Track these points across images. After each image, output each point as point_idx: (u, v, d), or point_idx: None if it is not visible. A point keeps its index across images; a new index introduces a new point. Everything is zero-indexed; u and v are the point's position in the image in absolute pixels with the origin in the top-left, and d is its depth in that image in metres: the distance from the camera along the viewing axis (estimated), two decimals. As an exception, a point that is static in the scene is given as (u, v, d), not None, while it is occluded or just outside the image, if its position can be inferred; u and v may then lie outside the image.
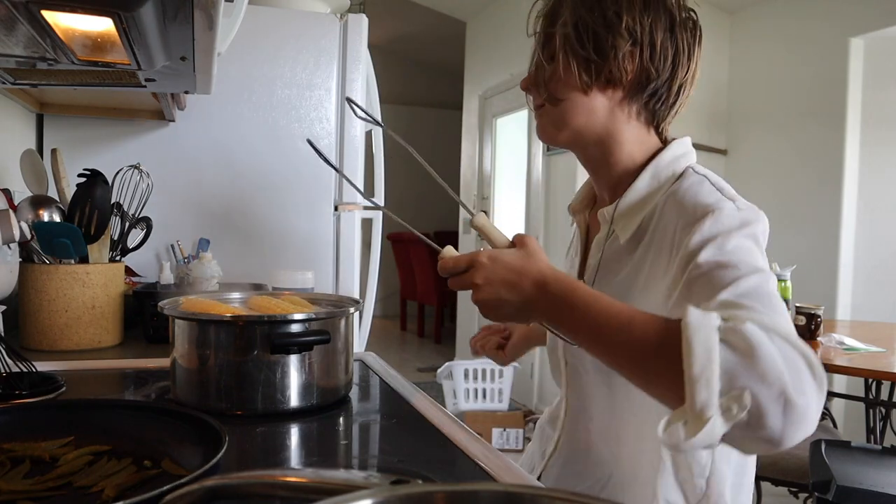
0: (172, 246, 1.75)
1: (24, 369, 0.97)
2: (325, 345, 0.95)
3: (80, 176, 1.39)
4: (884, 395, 2.36)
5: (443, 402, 3.52)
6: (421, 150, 0.81)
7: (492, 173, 4.98)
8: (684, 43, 0.88)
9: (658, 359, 0.62)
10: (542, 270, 0.72)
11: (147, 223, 1.58)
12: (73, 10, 0.65)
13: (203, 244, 1.76)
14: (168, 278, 1.57)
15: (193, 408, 0.85)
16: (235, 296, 1.12)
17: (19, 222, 1.14)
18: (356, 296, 1.88)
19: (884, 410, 2.38)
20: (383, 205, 2.08)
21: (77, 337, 1.32)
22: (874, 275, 3.52)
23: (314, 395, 0.95)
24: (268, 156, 1.84)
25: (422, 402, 1.02)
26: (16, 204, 1.35)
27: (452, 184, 1.33)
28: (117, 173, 1.52)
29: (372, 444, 0.92)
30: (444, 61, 7.07)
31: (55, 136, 1.72)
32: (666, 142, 0.93)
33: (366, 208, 1.98)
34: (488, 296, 0.72)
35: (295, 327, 0.93)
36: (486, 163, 5.01)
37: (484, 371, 3.53)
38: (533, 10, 0.93)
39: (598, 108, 0.88)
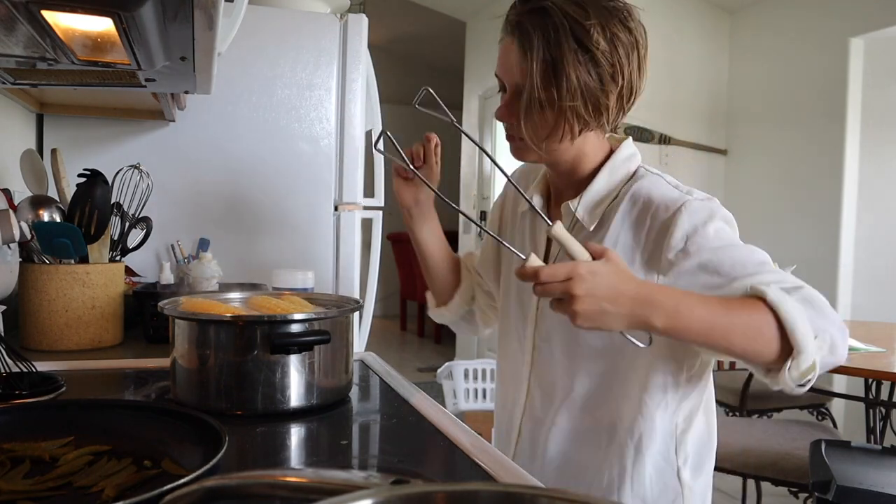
0: (172, 246, 1.75)
1: (24, 369, 0.97)
2: (325, 345, 0.95)
3: (80, 176, 1.39)
4: (884, 395, 2.35)
5: (443, 402, 3.52)
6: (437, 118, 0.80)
7: (492, 173, 4.98)
8: (643, 60, 0.92)
9: (761, 332, 0.79)
10: (637, 282, 0.79)
11: (147, 223, 1.58)
12: (73, 10, 0.65)
13: (203, 244, 1.76)
14: (168, 278, 1.57)
15: (193, 408, 0.85)
16: (235, 296, 1.12)
17: (19, 222, 1.14)
18: (356, 296, 1.88)
19: (884, 410, 2.38)
20: (382, 205, 2.09)
21: (77, 337, 1.32)
22: (874, 275, 3.52)
23: (314, 395, 0.95)
24: (268, 156, 1.84)
25: (422, 402, 1.02)
26: (16, 204, 1.35)
27: (453, 183, 1.33)
28: (117, 173, 1.52)
29: (372, 444, 0.93)
30: (444, 61, 7.07)
31: (55, 136, 1.72)
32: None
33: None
34: (591, 307, 0.75)
35: (295, 327, 0.93)
36: (486, 162, 5.01)
37: (484, 371, 3.53)
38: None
39: (577, 142, 0.96)
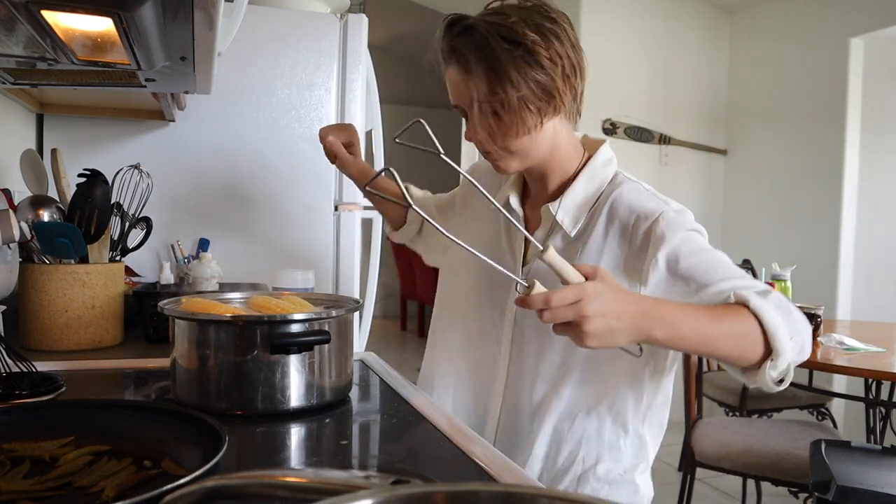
0: (172, 246, 1.75)
1: (24, 369, 0.97)
2: (325, 345, 0.95)
3: (80, 176, 1.39)
4: (884, 395, 2.35)
5: (443, 402, 3.50)
6: (421, 151, 0.82)
7: (492, 173, 4.99)
8: (575, 41, 0.97)
9: (746, 336, 0.86)
10: (635, 297, 0.85)
11: (147, 223, 1.58)
12: (73, 10, 0.65)
13: (203, 244, 1.76)
14: (168, 278, 1.57)
15: (193, 408, 0.85)
16: (235, 296, 1.12)
17: (19, 222, 1.14)
18: (356, 296, 1.88)
19: (884, 410, 2.38)
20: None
21: (77, 337, 1.32)
22: (874, 275, 3.52)
23: (314, 395, 0.95)
24: (268, 156, 1.84)
25: (422, 402, 1.02)
26: (16, 204, 1.35)
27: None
28: (117, 173, 1.52)
29: (372, 444, 0.93)
30: (444, 61, 7.06)
31: (55, 136, 1.72)
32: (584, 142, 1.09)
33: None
34: (600, 326, 0.78)
35: (295, 327, 0.93)
36: (486, 163, 5.03)
37: (484, 371, 3.52)
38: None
39: (546, 133, 1.00)
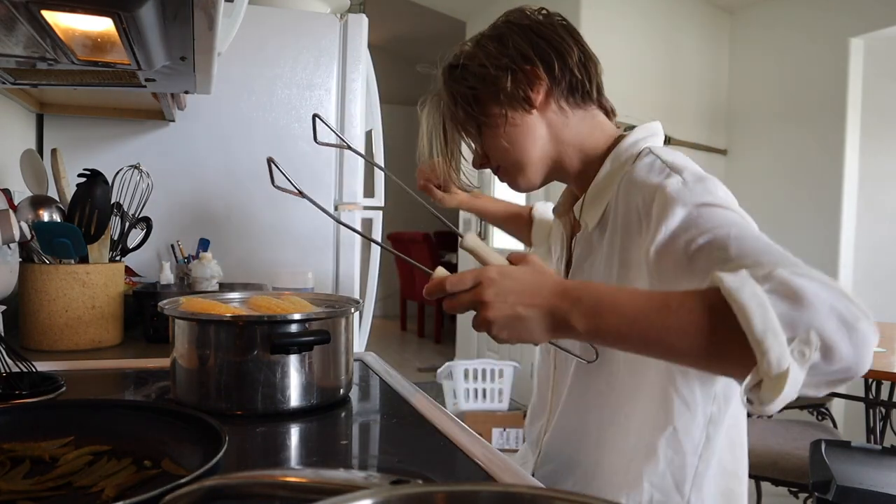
0: (172, 246, 1.74)
1: (24, 369, 0.97)
2: (325, 345, 0.95)
3: (80, 176, 1.39)
4: (884, 395, 2.35)
5: (443, 402, 3.51)
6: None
7: (491, 175, 4.97)
8: (552, 32, 0.93)
9: (714, 331, 0.60)
10: (556, 280, 0.70)
11: (147, 223, 1.58)
12: (73, 10, 0.65)
13: (203, 244, 1.76)
14: (168, 278, 1.57)
15: (193, 408, 0.85)
16: (235, 296, 1.12)
17: (19, 222, 1.14)
18: (356, 296, 1.88)
19: (884, 410, 2.38)
20: (382, 205, 2.09)
21: (77, 337, 1.32)
22: (874, 275, 3.52)
23: (314, 395, 0.95)
24: (268, 156, 1.83)
25: (422, 402, 1.02)
26: (16, 204, 1.35)
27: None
28: (117, 173, 1.52)
29: (372, 444, 0.93)
30: (444, 61, 7.06)
31: (55, 136, 1.72)
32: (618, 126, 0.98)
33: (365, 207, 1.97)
34: (502, 312, 0.67)
35: (295, 327, 0.93)
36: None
37: (484, 371, 3.53)
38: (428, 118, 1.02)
39: (536, 129, 0.93)
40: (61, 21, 0.69)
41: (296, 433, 0.90)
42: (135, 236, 1.56)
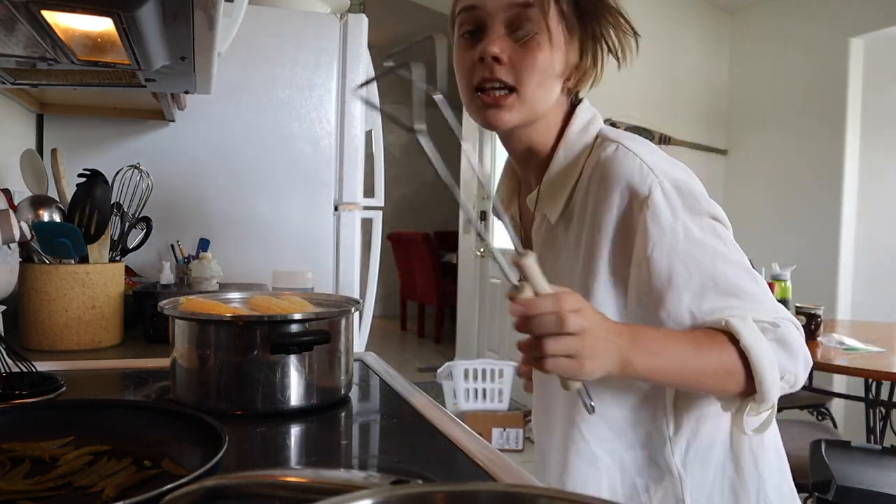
0: (172, 246, 1.74)
1: (24, 369, 0.97)
2: (325, 345, 0.95)
3: (80, 176, 1.39)
4: (884, 395, 2.35)
5: (443, 402, 3.51)
6: (421, 150, 0.79)
7: (492, 173, 4.98)
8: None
9: (731, 374, 0.74)
10: (615, 322, 0.72)
11: (147, 223, 1.58)
12: (73, 10, 0.65)
13: (203, 244, 1.76)
14: (168, 278, 1.57)
15: (193, 408, 0.85)
16: (235, 296, 1.12)
17: (19, 222, 1.14)
18: (356, 296, 1.88)
19: (884, 410, 2.38)
20: (382, 205, 2.09)
21: (77, 337, 1.32)
22: (874, 275, 3.52)
23: (314, 395, 0.95)
24: (268, 156, 1.84)
25: (422, 402, 1.02)
26: (16, 204, 1.35)
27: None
28: (117, 173, 1.52)
29: (372, 444, 0.93)
30: (444, 61, 7.05)
31: (55, 136, 1.72)
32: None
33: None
34: (592, 345, 0.65)
35: (295, 327, 0.93)
36: (486, 162, 5.01)
37: (484, 371, 3.53)
38: None
39: (555, 94, 0.86)
40: (61, 21, 0.69)
41: (296, 433, 0.90)
42: (135, 236, 1.56)
